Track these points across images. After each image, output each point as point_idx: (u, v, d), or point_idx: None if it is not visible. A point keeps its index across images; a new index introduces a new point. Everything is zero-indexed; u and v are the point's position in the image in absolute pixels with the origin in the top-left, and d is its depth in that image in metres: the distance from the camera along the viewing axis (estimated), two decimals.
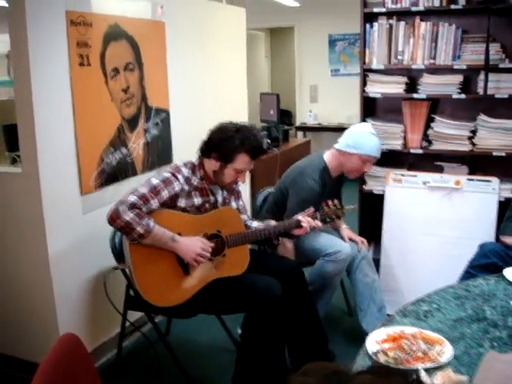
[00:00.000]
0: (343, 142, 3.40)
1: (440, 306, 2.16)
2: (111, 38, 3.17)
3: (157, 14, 3.62)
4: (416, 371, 1.65)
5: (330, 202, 3.03)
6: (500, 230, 3.38)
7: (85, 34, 2.97)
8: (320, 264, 3.25)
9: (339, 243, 3.28)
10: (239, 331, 3.14)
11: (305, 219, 2.90)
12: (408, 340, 1.83)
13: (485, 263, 2.99)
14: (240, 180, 2.88)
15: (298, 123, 9.01)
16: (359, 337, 3.20)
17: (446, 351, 1.77)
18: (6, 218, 3.01)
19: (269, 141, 5.80)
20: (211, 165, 2.83)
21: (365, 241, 3.51)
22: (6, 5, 2.71)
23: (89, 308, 3.19)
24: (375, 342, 1.83)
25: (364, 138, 3.35)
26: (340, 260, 3.21)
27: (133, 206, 2.58)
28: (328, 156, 3.48)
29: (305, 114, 8.81)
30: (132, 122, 3.40)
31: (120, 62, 3.27)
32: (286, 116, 9.24)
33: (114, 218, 2.59)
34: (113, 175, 3.26)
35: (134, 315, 3.19)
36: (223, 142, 2.78)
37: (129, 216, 2.56)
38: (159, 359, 3.16)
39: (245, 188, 3.76)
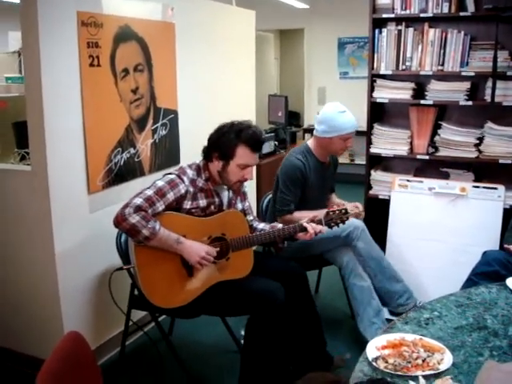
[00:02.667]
0: (319, 128, 3.46)
1: (441, 313, 2.17)
2: (121, 39, 3.20)
3: (167, 15, 3.64)
4: (415, 379, 1.67)
5: (335, 207, 3.04)
6: (505, 238, 3.38)
7: (95, 34, 3.00)
8: (349, 270, 3.39)
9: (346, 222, 3.22)
10: (242, 333, 3.15)
11: (309, 224, 2.90)
12: (408, 347, 1.84)
13: (487, 271, 2.99)
14: (247, 177, 2.87)
15: (305, 125, 9.01)
16: (361, 340, 3.24)
17: (445, 359, 1.78)
18: (14, 216, 3.04)
19: (276, 143, 5.83)
20: (215, 166, 2.85)
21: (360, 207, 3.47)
22: (18, 1, 2.74)
23: (93, 306, 3.22)
24: (375, 348, 1.85)
25: (337, 119, 3.40)
26: (362, 234, 3.40)
27: (139, 209, 2.60)
28: (311, 142, 3.59)
29: (313, 116, 8.79)
30: (140, 123, 3.43)
31: (130, 62, 3.29)
32: (294, 118, 9.24)
33: (119, 221, 2.60)
34: (120, 175, 3.28)
35: (138, 314, 3.21)
36: (220, 139, 2.81)
37: (135, 219, 2.57)
38: (162, 358, 3.20)
39: (251, 191, 3.76)
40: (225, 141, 2.79)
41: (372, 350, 1.84)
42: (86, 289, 3.16)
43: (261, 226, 3.11)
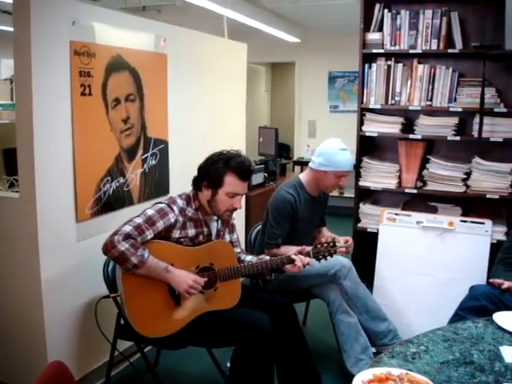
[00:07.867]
0: (316, 161, 3.44)
1: (428, 348, 2.16)
2: (113, 68, 3.22)
3: (159, 46, 3.67)
4: None
5: (323, 240, 3.05)
6: (491, 272, 3.39)
7: (88, 64, 3.02)
8: (336, 306, 3.37)
9: (334, 260, 3.25)
10: (228, 365, 3.12)
11: (297, 256, 2.90)
12: (394, 382, 1.83)
13: (475, 306, 2.99)
14: (235, 206, 2.88)
15: (295, 157, 9.05)
16: (348, 374, 3.22)
17: None
18: (1, 242, 3.01)
19: (266, 174, 5.84)
20: (204, 195, 2.87)
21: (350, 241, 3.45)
22: (12, 29, 2.76)
23: (79, 335, 3.18)
24: (361, 382, 1.83)
25: (336, 155, 3.38)
26: (349, 273, 3.39)
27: (128, 237, 2.60)
28: (303, 175, 3.58)
29: (303, 149, 8.85)
30: (130, 152, 3.43)
31: (121, 92, 3.31)
32: (284, 150, 9.31)
33: (108, 248, 2.60)
34: (109, 204, 3.27)
35: (124, 344, 3.17)
36: (209, 168, 2.84)
37: (124, 246, 2.57)
38: None
39: (240, 221, 3.75)
40: (214, 169, 2.81)
41: (358, 383, 1.83)
42: (71, 317, 3.13)
43: (248, 258, 3.11)
